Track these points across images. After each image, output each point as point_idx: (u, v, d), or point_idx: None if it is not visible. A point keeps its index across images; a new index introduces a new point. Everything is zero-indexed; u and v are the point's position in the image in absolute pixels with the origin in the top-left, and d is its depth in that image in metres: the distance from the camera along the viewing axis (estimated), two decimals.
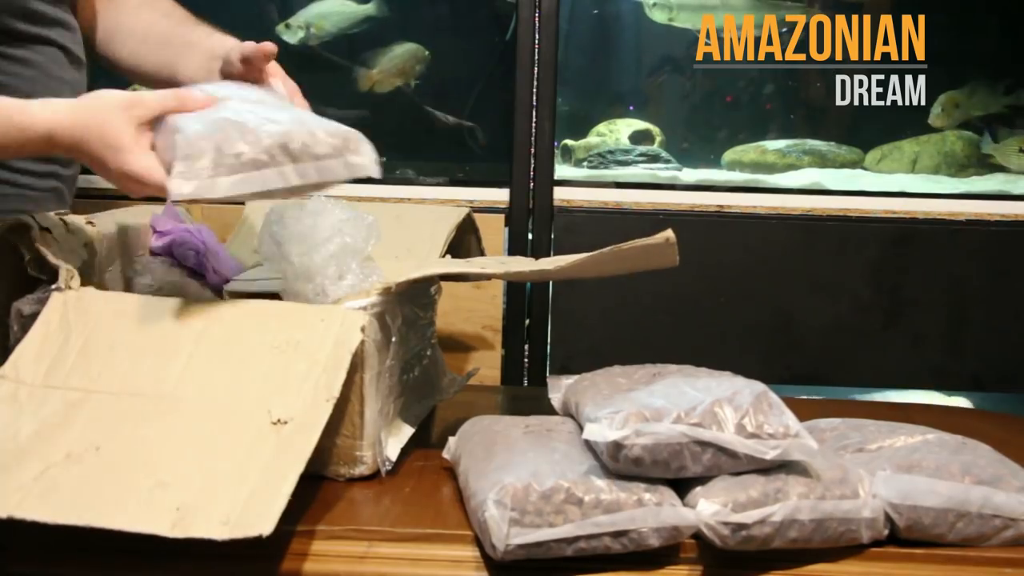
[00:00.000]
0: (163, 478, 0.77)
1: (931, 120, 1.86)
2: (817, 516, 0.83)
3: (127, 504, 0.76)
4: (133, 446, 0.82)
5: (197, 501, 0.75)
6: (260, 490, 0.76)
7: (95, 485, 0.77)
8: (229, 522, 0.73)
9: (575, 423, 0.97)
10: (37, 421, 0.83)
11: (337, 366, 0.88)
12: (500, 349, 1.67)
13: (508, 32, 1.73)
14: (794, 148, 1.93)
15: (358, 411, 0.95)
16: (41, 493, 0.76)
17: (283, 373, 0.87)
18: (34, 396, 0.86)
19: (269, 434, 0.82)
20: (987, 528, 0.86)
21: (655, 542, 0.82)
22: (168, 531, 0.72)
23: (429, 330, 1.14)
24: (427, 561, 0.85)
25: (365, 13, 1.92)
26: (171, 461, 0.80)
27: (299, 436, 0.81)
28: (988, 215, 1.69)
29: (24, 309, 0.95)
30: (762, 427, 0.84)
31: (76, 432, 0.82)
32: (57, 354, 0.89)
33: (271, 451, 0.80)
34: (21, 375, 0.88)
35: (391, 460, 0.98)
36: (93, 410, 0.85)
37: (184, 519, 0.73)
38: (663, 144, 1.96)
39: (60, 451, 0.80)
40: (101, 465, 0.79)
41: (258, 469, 0.78)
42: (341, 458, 0.96)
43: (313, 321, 0.92)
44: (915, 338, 1.69)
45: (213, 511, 0.74)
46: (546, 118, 1.65)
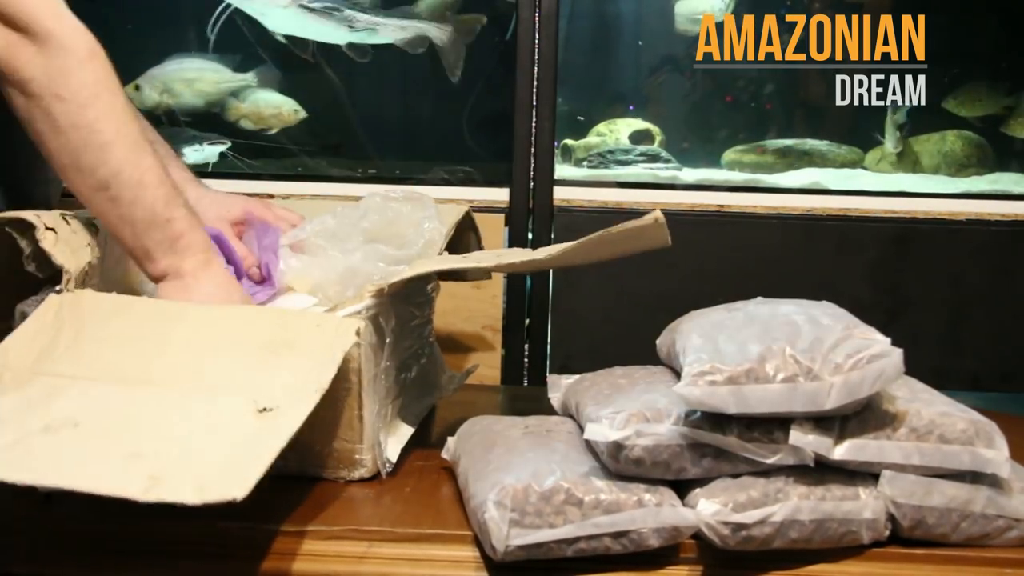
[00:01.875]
0: (139, 449, 0.77)
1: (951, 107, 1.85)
2: (817, 517, 0.83)
3: (100, 470, 0.75)
4: (112, 422, 0.81)
5: (172, 469, 0.75)
6: (237, 459, 0.76)
7: (70, 453, 0.77)
8: (204, 488, 0.72)
9: (575, 423, 0.97)
10: (19, 399, 0.83)
11: (328, 363, 0.87)
12: (500, 349, 1.66)
13: (508, 32, 1.73)
14: (794, 148, 1.93)
15: (356, 415, 0.95)
16: (14, 457, 0.76)
17: (273, 369, 0.87)
18: (19, 379, 0.86)
19: (252, 418, 0.81)
20: (991, 528, 0.86)
21: (655, 542, 0.82)
22: (140, 495, 0.71)
23: (426, 328, 1.14)
24: (427, 561, 0.85)
25: (243, 82, 1.85)
26: (149, 436, 0.80)
27: (283, 418, 0.81)
28: (988, 215, 1.69)
29: (28, 311, 0.95)
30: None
31: (56, 409, 0.82)
32: (47, 345, 0.89)
33: (252, 431, 0.80)
34: (8, 360, 0.87)
35: (391, 461, 0.98)
36: (77, 393, 0.84)
37: (157, 485, 0.72)
38: (663, 144, 1.96)
39: (38, 423, 0.80)
40: (78, 437, 0.79)
41: (237, 445, 0.78)
42: (341, 461, 0.96)
43: (308, 326, 0.92)
44: (915, 338, 1.68)
45: (187, 477, 0.73)
46: (546, 118, 1.65)
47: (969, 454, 0.85)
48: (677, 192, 1.73)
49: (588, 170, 1.88)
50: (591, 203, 1.68)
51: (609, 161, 1.88)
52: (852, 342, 0.84)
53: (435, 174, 1.85)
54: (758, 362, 0.82)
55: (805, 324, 0.86)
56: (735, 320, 0.90)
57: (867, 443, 0.85)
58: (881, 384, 0.83)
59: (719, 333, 0.88)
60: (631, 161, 1.88)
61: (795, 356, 0.82)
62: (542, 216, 1.67)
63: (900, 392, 0.89)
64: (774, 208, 1.69)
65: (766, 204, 1.70)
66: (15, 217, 0.97)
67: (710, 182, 1.83)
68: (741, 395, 0.81)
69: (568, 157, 1.93)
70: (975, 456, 0.85)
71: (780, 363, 0.82)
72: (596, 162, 1.88)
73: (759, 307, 0.93)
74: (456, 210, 1.32)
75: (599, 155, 1.89)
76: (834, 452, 0.84)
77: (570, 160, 1.93)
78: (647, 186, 1.76)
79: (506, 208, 1.67)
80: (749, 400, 0.81)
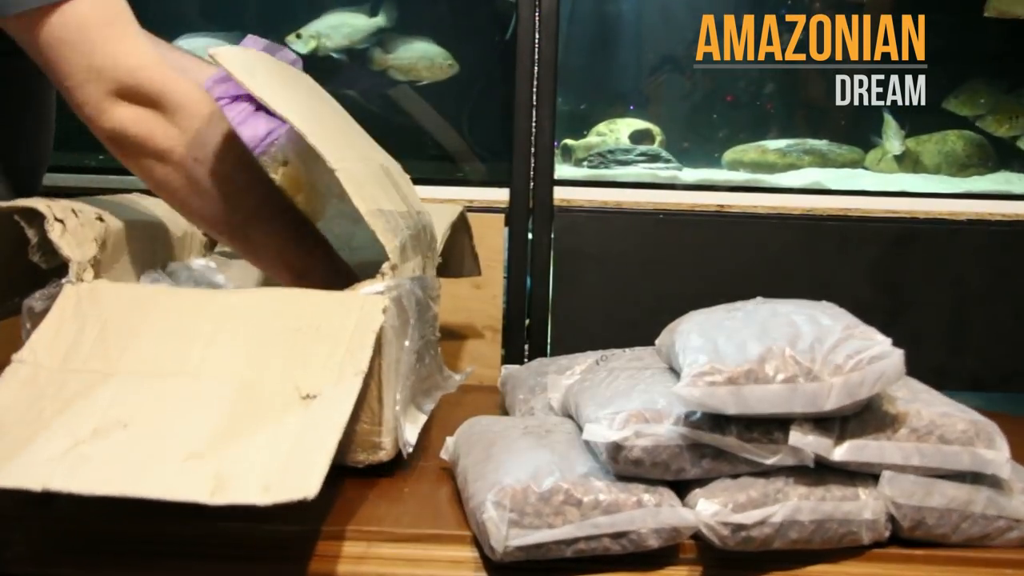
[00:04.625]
0: (196, 449, 0.76)
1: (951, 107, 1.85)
2: (817, 517, 0.83)
3: (163, 474, 0.74)
4: (160, 421, 0.80)
5: (234, 469, 0.73)
6: (297, 456, 0.75)
7: (127, 458, 0.76)
8: (270, 488, 0.71)
9: (574, 423, 0.97)
10: (60, 401, 0.82)
11: (362, 345, 0.87)
12: (500, 349, 1.66)
13: (508, 32, 1.73)
14: (794, 148, 1.93)
15: (376, 397, 0.94)
16: (71, 466, 0.74)
17: (306, 353, 0.86)
18: (54, 379, 0.85)
19: (299, 407, 0.80)
20: (991, 529, 0.86)
21: (655, 543, 0.82)
22: (208, 498, 0.70)
23: (436, 323, 1.14)
24: (426, 562, 0.85)
25: (376, 25, 1.92)
26: (200, 433, 0.78)
27: (331, 407, 0.80)
28: (988, 215, 1.69)
29: (36, 306, 0.94)
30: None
31: (101, 410, 0.80)
32: (73, 341, 0.88)
33: (303, 422, 0.79)
34: (40, 359, 0.86)
35: (411, 444, 0.97)
36: (116, 389, 0.83)
37: (223, 487, 0.71)
38: (663, 144, 1.96)
39: (87, 427, 0.78)
40: (130, 439, 0.78)
41: (292, 439, 0.77)
42: (360, 445, 0.95)
43: (333, 307, 0.91)
44: (915, 338, 1.68)
45: (251, 478, 0.72)
46: (546, 118, 1.65)
47: (969, 455, 0.85)
48: (677, 192, 1.73)
49: (588, 170, 1.88)
50: (591, 203, 1.68)
51: (609, 161, 1.88)
52: (852, 343, 0.84)
53: (435, 174, 1.85)
54: (758, 363, 0.82)
55: (805, 324, 0.86)
56: (735, 320, 0.90)
57: (867, 444, 0.85)
58: (881, 385, 0.83)
59: (719, 333, 0.88)
60: (631, 161, 1.88)
61: (795, 357, 0.82)
62: (542, 216, 1.67)
63: (900, 393, 0.89)
64: (774, 208, 1.69)
65: (766, 204, 1.70)
66: (26, 206, 0.96)
67: (710, 182, 1.83)
68: (741, 396, 0.81)
69: (568, 157, 1.93)
70: (975, 457, 0.85)
71: (780, 364, 0.82)
72: (596, 162, 1.89)
73: (759, 307, 0.93)
74: (451, 210, 1.32)
75: (599, 155, 1.89)
76: (834, 453, 0.84)
77: (570, 160, 1.93)
78: (647, 186, 1.75)
79: (506, 208, 1.67)
80: (749, 401, 0.81)
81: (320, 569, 0.84)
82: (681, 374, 0.84)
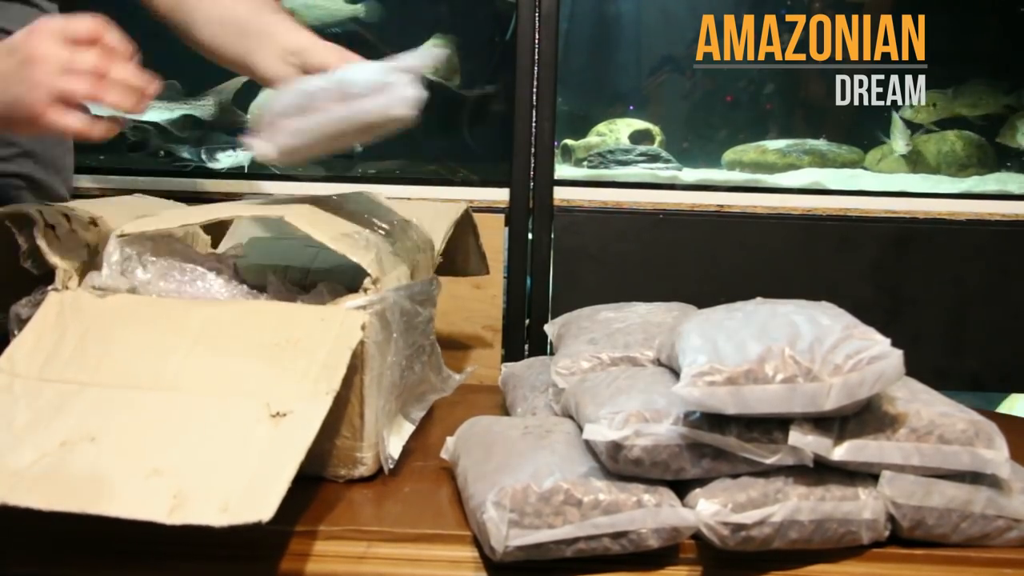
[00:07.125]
0: (159, 465, 0.76)
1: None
2: (817, 517, 0.83)
3: (123, 491, 0.75)
4: (129, 435, 0.81)
5: (194, 488, 0.74)
6: (259, 477, 0.75)
7: (90, 473, 0.76)
8: (228, 509, 0.72)
9: (574, 423, 0.97)
10: (32, 411, 0.83)
11: (337, 363, 0.87)
12: (500, 349, 1.67)
13: (508, 32, 1.73)
14: (794, 148, 1.93)
15: (358, 412, 0.95)
16: (34, 480, 0.75)
17: (282, 368, 0.87)
18: (29, 388, 0.85)
19: (268, 425, 0.81)
20: (990, 528, 0.86)
21: (655, 543, 0.82)
22: (165, 517, 0.71)
23: (428, 327, 1.14)
24: (426, 562, 0.85)
25: (354, 13, 1.90)
26: (167, 449, 0.79)
27: (298, 427, 0.81)
28: (988, 215, 1.69)
29: (22, 313, 0.94)
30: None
31: (72, 422, 0.81)
32: (53, 350, 0.89)
33: (269, 441, 0.79)
34: (16, 368, 0.87)
35: (393, 458, 0.97)
36: (89, 401, 0.84)
37: (182, 505, 0.72)
38: (663, 144, 1.96)
39: (55, 440, 0.79)
40: (96, 453, 0.78)
41: (256, 458, 0.78)
42: (340, 460, 0.96)
43: (313, 320, 0.92)
44: (915, 338, 1.69)
45: (211, 497, 0.73)
46: (546, 118, 1.65)
47: (969, 454, 0.85)
48: (677, 192, 1.73)
49: (588, 170, 1.88)
50: (591, 203, 1.68)
51: (609, 161, 1.88)
52: (852, 343, 0.84)
53: (435, 174, 1.85)
54: (757, 363, 0.82)
55: (805, 324, 0.86)
56: (734, 320, 0.90)
57: (867, 444, 0.85)
58: (881, 385, 0.83)
59: (718, 333, 0.88)
60: (631, 161, 1.88)
61: (794, 357, 0.82)
62: (542, 216, 1.67)
63: (900, 393, 0.89)
64: (774, 208, 1.69)
65: (766, 204, 1.70)
66: (17, 212, 0.96)
67: (710, 182, 1.83)
68: (740, 396, 0.81)
69: (568, 157, 1.93)
70: (975, 456, 0.85)
71: (779, 364, 0.82)
72: (596, 162, 1.89)
73: (759, 307, 0.93)
74: (455, 208, 1.32)
75: (599, 155, 1.89)
76: (834, 453, 0.84)
77: (570, 160, 1.93)
78: (647, 186, 1.76)
79: (506, 208, 1.67)
80: (748, 401, 0.81)
81: (320, 569, 0.84)
82: (681, 374, 0.84)
